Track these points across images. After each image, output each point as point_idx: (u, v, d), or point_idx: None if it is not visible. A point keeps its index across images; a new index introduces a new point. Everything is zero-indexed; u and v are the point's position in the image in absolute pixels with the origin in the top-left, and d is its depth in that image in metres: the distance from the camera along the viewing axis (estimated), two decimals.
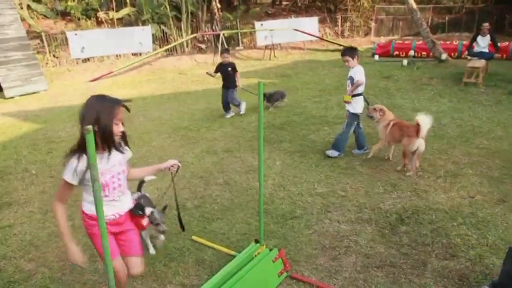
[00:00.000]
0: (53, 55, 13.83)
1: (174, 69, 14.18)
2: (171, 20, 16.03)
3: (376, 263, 3.06)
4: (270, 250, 3.00)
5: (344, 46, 5.48)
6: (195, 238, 3.48)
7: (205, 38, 17.10)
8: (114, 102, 2.15)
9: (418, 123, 4.37)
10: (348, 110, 5.09)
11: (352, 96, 5.00)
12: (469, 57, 9.92)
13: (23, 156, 5.80)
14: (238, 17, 17.88)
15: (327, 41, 17.78)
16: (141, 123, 7.25)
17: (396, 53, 14.30)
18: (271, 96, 7.73)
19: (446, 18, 18.99)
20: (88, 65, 13.87)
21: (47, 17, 15.64)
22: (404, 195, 4.11)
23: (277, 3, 22.83)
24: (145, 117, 7.67)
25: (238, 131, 6.55)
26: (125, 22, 16.22)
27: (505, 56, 12.05)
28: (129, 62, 14.05)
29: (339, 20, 19.34)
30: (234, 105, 7.47)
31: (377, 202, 4.00)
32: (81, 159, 2.08)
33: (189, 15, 16.49)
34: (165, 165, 2.60)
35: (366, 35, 19.57)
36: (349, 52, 5.01)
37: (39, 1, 15.55)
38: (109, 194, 2.24)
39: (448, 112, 6.99)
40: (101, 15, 15.74)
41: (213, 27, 16.18)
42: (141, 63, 14.31)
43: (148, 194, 3.62)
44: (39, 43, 13.62)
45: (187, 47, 16.58)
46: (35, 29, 14.03)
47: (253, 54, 16.45)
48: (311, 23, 17.53)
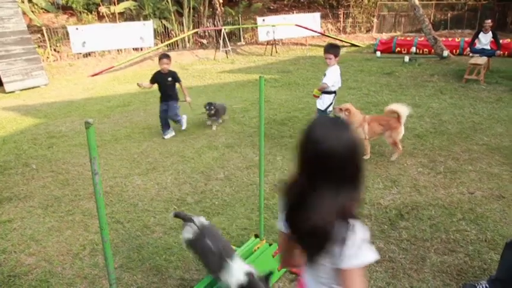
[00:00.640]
0: (54, 49, 13.80)
1: (175, 64, 14.10)
2: (172, 14, 15.99)
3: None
4: (269, 245, 3.01)
5: (327, 44, 5.29)
6: None
7: (207, 33, 17.06)
8: None
9: (398, 113, 4.72)
10: (317, 106, 5.17)
11: (324, 92, 5.02)
12: (470, 54, 9.89)
13: (24, 151, 5.81)
14: (240, 13, 17.82)
15: (329, 36, 17.71)
16: (141, 119, 7.25)
17: (398, 49, 14.25)
18: (217, 111, 6.37)
19: (449, 15, 18.91)
20: (89, 60, 13.85)
21: (48, 11, 15.58)
22: (404, 191, 4.12)
23: None
24: (146, 112, 7.67)
25: (239, 126, 6.55)
26: (126, 17, 16.17)
27: (506, 53, 12.02)
28: (130, 56, 14.03)
29: (341, 16, 19.26)
30: (175, 121, 6.21)
31: (377, 198, 4.01)
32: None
33: (191, 10, 16.44)
34: None
35: (368, 31, 19.50)
36: (334, 50, 4.98)
37: None
38: None
39: (448, 109, 6.98)
40: (102, 9, 15.68)
41: (215, 23, 16.12)
42: (142, 58, 14.28)
43: None
44: (40, 37, 13.58)
45: (189, 42, 16.54)
46: (35, 23, 14.00)
47: (255, 50, 16.41)
48: (313, 19, 17.47)
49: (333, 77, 4.97)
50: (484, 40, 9.69)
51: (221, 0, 16.04)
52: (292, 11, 18.71)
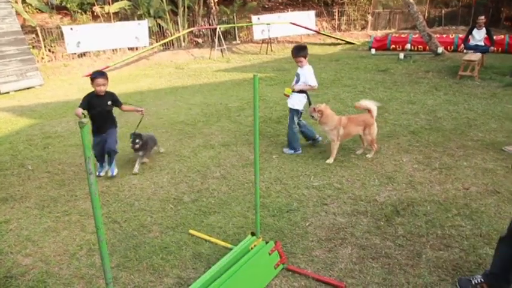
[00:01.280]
0: (49, 50, 13.73)
1: (170, 63, 14.13)
2: (167, 14, 15.95)
3: (372, 254, 3.09)
4: (266, 243, 3.02)
5: (294, 47, 5.16)
6: (192, 232, 3.50)
7: (202, 32, 17.03)
8: None
9: (369, 109, 4.79)
10: (288, 105, 5.16)
11: (297, 92, 5.01)
12: (465, 51, 9.95)
13: (19, 152, 5.79)
14: (235, 11, 17.80)
15: (323, 34, 17.74)
16: (137, 118, 7.20)
17: (393, 46, 14.31)
18: (145, 144, 5.02)
19: (443, 11, 18.99)
20: (84, 60, 13.79)
21: (42, 11, 15.50)
22: (399, 188, 4.14)
23: None
24: None
25: (235, 125, 6.56)
26: (121, 16, 16.12)
27: (500, 49, 12.09)
28: (125, 56, 13.99)
29: (336, 13, 19.29)
30: (110, 154, 4.77)
31: (373, 194, 4.03)
32: None
33: (186, 9, 16.40)
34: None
35: (363, 28, 19.55)
36: (303, 52, 4.97)
37: None
38: None
39: (443, 105, 7.02)
40: (97, 9, 15.62)
41: (210, 22, 16.11)
42: (137, 57, 14.25)
43: None
44: (34, 38, 13.51)
45: (184, 41, 16.52)
46: (30, 23, 13.92)
47: (250, 49, 16.41)
48: (308, 17, 17.51)
49: (313, 76, 4.97)
50: (478, 36, 9.74)
51: None
52: (287, 9, 18.73)
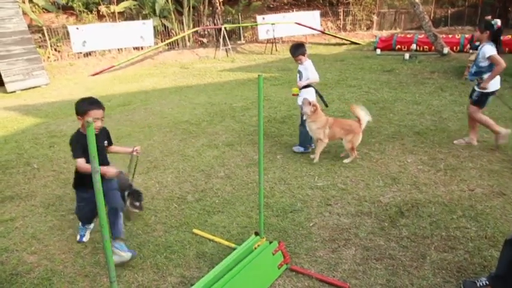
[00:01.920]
0: (55, 49, 13.83)
1: (175, 63, 14.17)
2: (172, 13, 15.99)
3: (376, 256, 3.08)
4: (269, 243, 3.02)
5: (291, 46, 5.17)
6: (196, 231, 3.51)
7: (207, 32, 17.06)
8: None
9: (359, 118, 4.74)
10: (299, 104, 5.11)
11: (301, 89, 4.99)
12: (471, 51, 9.87)
13: (25, 151, 5.83)
14: (240, 11, 17.82)
15: (328, 34, 17.71)
16: (142, 117, 7.26)
17: (398, 46, 14.25)
18: (138, 194, 3.73)
19: (449, 11, 18.88)
20: (89, 59, 13.87)
21: (48, 11, 15.60)
22: (404, 189, 4.13)
23: None
24: (146, 111, 7.68)
25: (240, 125, 6.56)
26: (126, 16, 16.18)
27: (507, 49, 11.99)
28: (130, 56, 14.05)
29: (341, 13, 19.24)
30: (117, 213, 3.16)
31: (377, 195, 4.02)
32: None
33: (191, 9, 16.44)
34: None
35: (368, 28, 19.49)
36: (301, 50, 4.97)
37: None
38: None
39: (449, 106, 6.98)
40: (102, 9, 15.70)
41: (215, 21, 16.13)
42: (142, 57, 14.30)
43: None
44: (40, 37, 13.61)
45: (189, 41, 16.56)
46: (36, 23, 14.01)
47: (255, 48, 16.42)
48: (313, 17, 17.49)
49: (314, 69, 4.98)
50: None
51: None
52: (291, 9, 18.72)
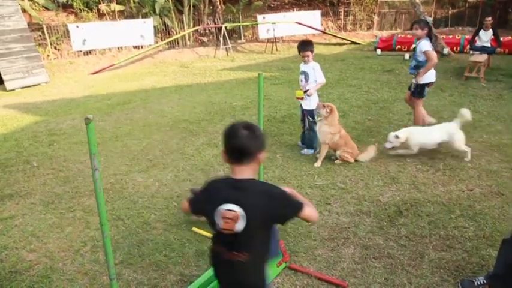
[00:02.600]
0: (54, 47, 13.81)
1: (175, 62, 14.17)
2: (173, 12, 15.98)
3: (374, 254, 3.10)
4: None
5: (302, 40, 5.12)
6: (195, 229, 3.51)
7: (207, 31, 17.05)
8: None
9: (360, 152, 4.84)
10: (304, 108, 5.08)
11: (304, 92, 4.97)
12: (471, 52, 9.89)
13: (24, 149, 5.84)
14: (241, 10, 17.80)
15: (329, 34, 17.70)
16: (142, 116, 7.26)
17: (398, 47, 14.23)
18: None
19: (450, 12, 18.88)
20: (89, 58, 13.86)
21: (48, 9, 15.57)
22: (403, 188, 4.14)
23: None
24: (146, 109, 7.69)
25: None
26: (127, 14, 16.17)
27: (507, 50, 11.99)
28: (130, 54, 14.04)
29: (342, 13, 19.24)
30: None
31: (376, 194, 4.03)
32: None
33: (191, 8, 16.43)
34: None
35: (369, 28, 19.48)
36: (311, 46, 4.91)
37: None
38: None
39: (448, 106, 6.99)
40: (103, 7, 15.68)
41: (215, 20, 16.12)
42: (142, 56, 14.29)
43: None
44: (40, 35, 13.58)
45: (189, 40, 16.54)
46: (36, 20, 13.99)
47: (255, 48, 16.41)
48: (313, 17, 17.47)
49: (322, 73, 4.96)
50: (485, 37, 9.68)
51: None
52: (292, 9, 18.70)
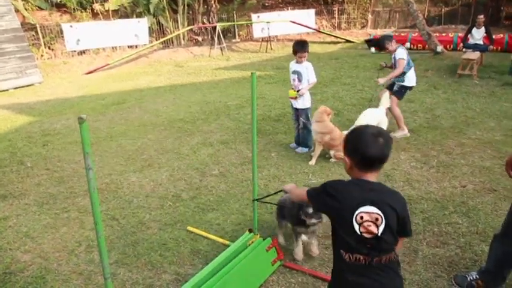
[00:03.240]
0: (48, 47, 13.74)
1: (170, 61, 14.14)
2: (167, 12, 15.94)
3: None
4: (263, 239, 3.04)
5: (299, 41, 5.10)
6: (190, 228, 3.52)
7: (202, 30, 17.03)
8: None
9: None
10: (296, 107, 5.08)
11: (297, 91, 4.99)
12: (464, 50, 9.95)
13: (18, 149, 5.81)
14: (235, 9, 17.79)
15: (323, 33, 17.74)
16: (137, 116, 7.25)
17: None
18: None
19: (443, 10, 18.97)
20: (84, 58, 13.80)
21: (42, 9, 15.49)
22: (397, 185, 4.16)
23: None
24: (141, 109, 7.67)
25: (234, 123, 6.57)
26: (121, 14, 16.10)
27: (499, 48, 12.08)
28: (125, 54, 13.99)
29: (336, 12, 19.27)
30: None
31: None
32: None
33: (186, 7, 16.39)
34: None
35: (363, 27, 19.53)
36: (307, 47, 4.91)
37: None
38: None
39: (442, 103, 7.04)
40: (97, 7, 15.61)
41: (210, 20, 16.10)
42: (137, 55, 14.25)
43: None
44: (33, 35, 13.51)
45: (184, 39, 16.51)
46: (29, 20, 13.91)
47: (250, 47, 16.41)
48: (308, 15, 17.50)
49: (313, 74, 4.99)
50: (477, 35, 9.75)
51: None
52: (286, 8, 18.72)
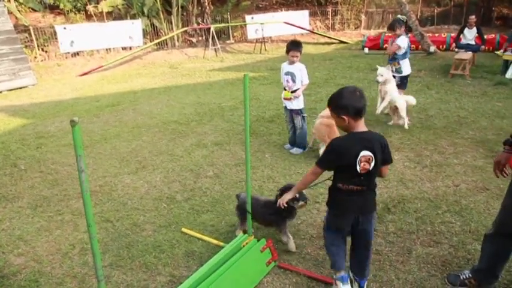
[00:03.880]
0: (42, 49, 13.66)
1: (164, 63, 14.11)
2: (161, 13, 15.91)
3: None
4: (258, 240, 3.05)
5: (293, 40, 5.16)
6: (184, 230, 3.52)
7: (196, 31, 17.02)
8: None
9: None
10: (291, 108, 5.08)
11: (292, 92, 4.99)
12: (456, 50, 10.03)
13: (12, 152, 5.77)
14: (229, 11, 17.80)
15: (317, 34, 17.80)
16: (131, 118, 7.23)
17: (386, 45, 14.34)
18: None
19: (435, 11, 19.11)
20: (77, 59, 13.74)
21: (35, 10, 15.41)
22: (391, 185, 4.19)
23: None
24: (135, 111, 7.65)
25: (228, 124, 6.57)
26: (115, 16, 16.05)
27: (491, 48, 12.19)
28: (119, 56, 13.95)
29: (330, 13, 19.35)
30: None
31: None
32: None
33: (180, 9, 16.37)
34: None
35: (356, 28, 19.62)
36: (301, 47, 4.92)
37: None
38: None
39: (435, 103, 7.09)
40: (90, 8, 15.55)
41: (204, 21, 16.09)
42: (131, 57, 14.21)
43: None
44: (27, 37, 13.43)
45: (178, 40, 16.49)
46: (22, 22, 13.83)
47: (244, 48, 16.42)
48: (302, 16, 17.57)
49: (306, 75, 4.99)
50: (469, 35, 9.84)
51: None
52: (280, 9, 18.76)
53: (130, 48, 14.58)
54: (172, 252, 3.23)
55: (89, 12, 15.70)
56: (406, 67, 6.13)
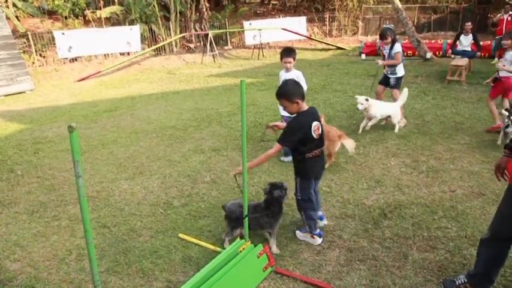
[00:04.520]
0: (40, 54, 13.67)
1: (162, 68, 14.15)
2: (159, 19, 15.97)
3: (359, 257, 3.14)
4: (254, 246, 3.05)
5: (285, 47, 5.21)
6: (181, 236, 3.52)
7: (194, 37, 17.08)
8: None
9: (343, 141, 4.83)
10: (288, 115, 5.09)
11: None
12: (452, 56, 10.10)
13: (9, 157, 5.76)
14: (227, 17, 17.89)
15: (315, 40, 17.90)
16: (128, 123, 7.24)
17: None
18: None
19: (432, 17, 19.26)
20: (75, 65, 13.75)
21: (34, 16, 15.44)
22: (387, 191, 4.20)
23: (266, 2, 22.89)
24: (133, 117, 7.66)
25: (226, 130, 6.59)
26: (113, 21, 16.10)
27: (486, 54, 12.26)
28: (117, 61, 13.97)
29: (327, 19, 19.47)
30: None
31: (361, 198, 4.08)
32: None
33: (178, 15, 16.44)
34: None
35: (354, 34, 19.73)
36: (294, 54, 4.92)
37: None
38: None
39: (431, 109, 7.13)
40: (89, 14, 15.60)
41: (202, 27, 16.16)
42: (129, 62, 14.24)
43: None
44: (25, 42, 13.44)
45: (176, 46, 16.54)
46: (18, 28, 13.85)
47: (242, 54, 16.49)
48: (299, 23, 17.66)
49: (304, 82, 4.99)
50: (465, 42, 9.90)
51: (208, 5, 16.08)
52: (278, 15, 18.87)
53: (129, 53, 14.61)
54: (169, 258, 3.23)
55: (87, 18, 15.75)
56: (400, 69, 6.40)
